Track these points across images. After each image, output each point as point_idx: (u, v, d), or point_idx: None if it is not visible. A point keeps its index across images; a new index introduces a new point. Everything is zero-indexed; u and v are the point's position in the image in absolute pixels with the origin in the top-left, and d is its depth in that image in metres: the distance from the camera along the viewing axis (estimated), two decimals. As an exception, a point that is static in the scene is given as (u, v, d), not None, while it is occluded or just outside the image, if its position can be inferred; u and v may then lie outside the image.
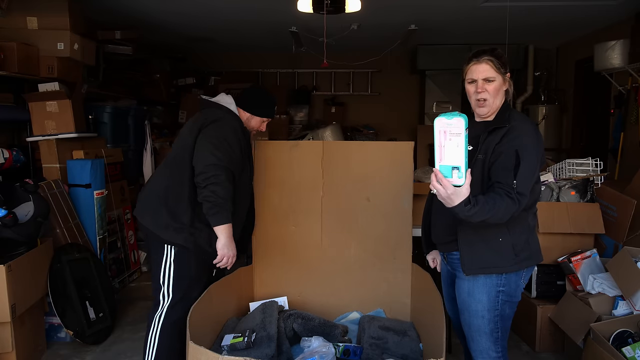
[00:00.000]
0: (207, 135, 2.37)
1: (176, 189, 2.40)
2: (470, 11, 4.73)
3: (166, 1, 4.36)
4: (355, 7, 3.88)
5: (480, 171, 1.92)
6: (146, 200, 2.50)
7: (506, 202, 1.78)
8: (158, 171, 2.59)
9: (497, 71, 1.94)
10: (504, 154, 1.86)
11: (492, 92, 1.94)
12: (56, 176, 3.74)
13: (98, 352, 3.24)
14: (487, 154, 1.92)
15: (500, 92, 1.97)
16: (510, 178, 1.82)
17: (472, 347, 2.08)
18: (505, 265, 1.97)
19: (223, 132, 2.39)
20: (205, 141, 2.36)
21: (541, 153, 1.97)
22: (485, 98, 1.95)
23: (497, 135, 1.92)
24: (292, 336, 2.58)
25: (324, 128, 6.36)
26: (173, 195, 2.40)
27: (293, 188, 2.95)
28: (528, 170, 1.84)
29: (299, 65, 7.31)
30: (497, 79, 1.94)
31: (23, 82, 3.86)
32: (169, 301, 2.41)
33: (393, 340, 2.54)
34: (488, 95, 1.95)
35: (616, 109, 5.12)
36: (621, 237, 3.05)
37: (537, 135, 1.96)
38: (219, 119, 2.43)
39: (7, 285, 2.72)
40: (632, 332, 2.62)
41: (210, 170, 2.29)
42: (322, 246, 2.94)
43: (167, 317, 2.41)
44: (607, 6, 4.55)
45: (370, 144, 4.05)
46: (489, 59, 1.93)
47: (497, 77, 1.94)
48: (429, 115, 7.08)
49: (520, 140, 1.87)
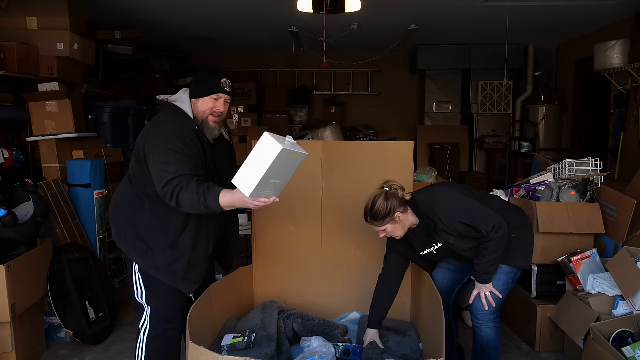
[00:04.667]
0: (149, 152, 2.15)
1: (136, 214, 2.26)
2: (470, 11, 4.73)
3: (166, 1, 4.36)
4: (355, 7, 3.88)
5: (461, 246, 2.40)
6: (113, 218, 2.38)
7: (492, 244, 2.31)
8: (121, 190, 2.38)
9: (382, 225, 2.32)
10: (452, 228, 2.34)
11: (392, 231, 2.36)
12: (56, 176, 3.74)
13: (98, 352, 3.24)
14: (446, 239, 2.39)
15: (399, 223, 2.35)
16: (474, 234, 2.33)
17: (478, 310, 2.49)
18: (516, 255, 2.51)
19: (159, 141, 2.13)
20: (150, 159, 2.14)
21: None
22: (395, 236, 2.40)
23: (437, 228, 2.38)
24: (292, 336, 2.58)
25: (324, 128, 6.36)
26: (134, 219, 2.27)
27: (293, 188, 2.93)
28: (471, 217, 2.32)
29: (299, 65, 7.31)
30: (387, 226, 2.33)
31: (23, 82, 3.86)
32: (147, 311, 2.33)
33: (393, 340, 2.54)
34: (393, 234, 2.38)
35: (616, 109, 5.13)
36: (621, 237, 3.05)
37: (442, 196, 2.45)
38: (152, 128, 2.23)
39: (7, 285, 2.72)
40: (632, 332, 2.62)
41: (168, 188, 2.05)
42: (322, 246, 2.94)
43: (149, 334, 2.33)
44: (607, 6, 4.55)
45: (370, 144, 4.05)
46: (371, 223, 2.34)
47: (386, 226, 2.33)
48: (429, 115, 7.09)
49: (445, 216, 2.35)
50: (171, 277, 2.27)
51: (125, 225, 2.30)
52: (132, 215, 2.28)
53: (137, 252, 2.27)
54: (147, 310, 2.33)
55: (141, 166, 2.21)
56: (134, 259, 2.29)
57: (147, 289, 2.31)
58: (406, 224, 2.37)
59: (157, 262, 2.25)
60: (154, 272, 2.27)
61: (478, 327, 2.55)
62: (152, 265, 2.26)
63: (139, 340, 2.36)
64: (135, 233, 2.27)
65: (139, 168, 2.23)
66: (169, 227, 2.24)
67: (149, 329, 2.33)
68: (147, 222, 2.26)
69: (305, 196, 2.93)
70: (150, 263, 2.26)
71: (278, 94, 7.12)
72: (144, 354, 2.33)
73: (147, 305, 2.33)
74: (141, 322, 2.36)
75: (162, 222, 2.24)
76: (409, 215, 2.37)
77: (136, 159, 2.24)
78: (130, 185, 2.31)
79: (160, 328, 2.32)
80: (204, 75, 2.31)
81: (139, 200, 2.26)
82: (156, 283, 2.29)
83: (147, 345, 2.32)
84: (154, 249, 2.25)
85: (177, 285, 2.29)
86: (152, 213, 2.25)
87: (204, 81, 2.27)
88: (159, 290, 2.30)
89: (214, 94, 2.25)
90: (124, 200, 2.32)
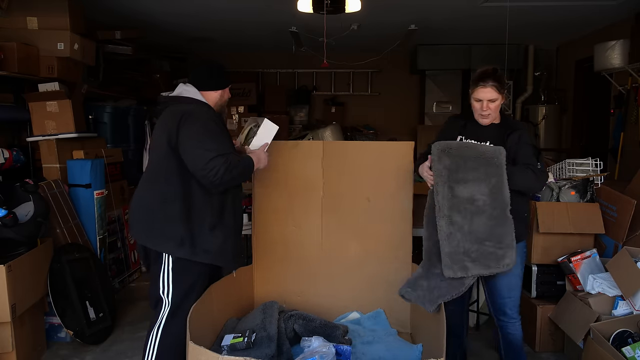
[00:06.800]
0: (189, 137, 2.26)
1: (169, 208, 2.31)
2: (470, 11, 4.73)
3: (166, 1, 4.36)
4: (355, 7, 3.88)
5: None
6: (137, 218, 2.41)
7: (533, 176, 2.34)
8: (142, 190, 2.43)
9: (499, 92, 2.37)
10: (524, 146, 2.40)
11: (494, 109, 2.41)
12: (56, 176, 3.74)
13: (98, 352, 3.24)
14: (511, 148, 2.39)
15: (499, 107, 2.43)
16: (534, 161, 2.39)
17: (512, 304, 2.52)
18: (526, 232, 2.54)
19: (201, 123, 2.29)
20: (190, 142, 2.25)
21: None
22: (489, 114, 2.42)
23: (514, 135, 2.41)
24: (293, 337, 2.58)
25: (324, 128, 6.36)
26: (163, 209, 2.31)
27: (293, 188, 2.95)
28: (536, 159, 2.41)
29: (299, 65, 7.30)
30: (498, 98, 2.39)
31: (23, 82, 3.86)
32: (168, 309, 2.37)
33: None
34: (491, 111, 2.41)
35: (616, 109, 5.13)
36: (621, 237, 3.05)
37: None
38: (189, 115, 2.30)
39: (7, 285, 2.72)
40: (632, 332, 2.62)
41: (214, 165, 2.20)
42: (322, 246, 2.94)
43: (165, 329, 2.36)
44: (607, 6, 4.55)
45: (370, 144, 4.05)
46: (493, 85, 2.35)
47: (499, 97, 2.39)
48: (429, 115, 7.08)
49: (527, 137, 2.44)
50: (221, 257, 2.40)
51: (166, 219, 2.32)
52: (176, 207, 2.31)
53: (181, 244, 2.30)
54: (168, 307, 2.37)
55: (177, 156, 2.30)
56: (174, 252, 2.31)
57: (175, 286, 2.35)
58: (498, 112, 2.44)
59: (206, 246, 2.33)
60: (201, 257, 2.33)
61: (511, 325, 2.54)
62: (201, 251, 2.32)
63: (151, 334, 2.38)
64: (179, 224, 2.30)
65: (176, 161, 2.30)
66: (217, 208, 2.37)
67: (164, 324, 2.36)
68: (198, 207, 2.34)
69: (305, 196, 2.93)
70: (200, 250, 2.32)
71: (278, 94, 7.12)
72: (156, 348, 2.35)
73: (169, 302, 2.37)
74: (159, 317, 2.38)
75: (212, 204, 2.36)
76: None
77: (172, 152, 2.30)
78: (165, 181, 2.33)
79: (178, 325, 2.33)
80: (216, 69, 2.51)
81: (183, 190, 2.31)
82: (185, 280, 2.36)
83: (161, 341, 2.35)
84: (203, 234, 2.33)
85: (228, 263, 2.50)
86: (202, 197, 2.34)
87: (220, 74, 2.50)
88: (185, 287, 2.37)
89: (229, 85, 2.54)
90: (160, 196, 2.33)
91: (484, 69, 2.40)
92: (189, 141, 2.26)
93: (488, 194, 2.30)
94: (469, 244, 2.31)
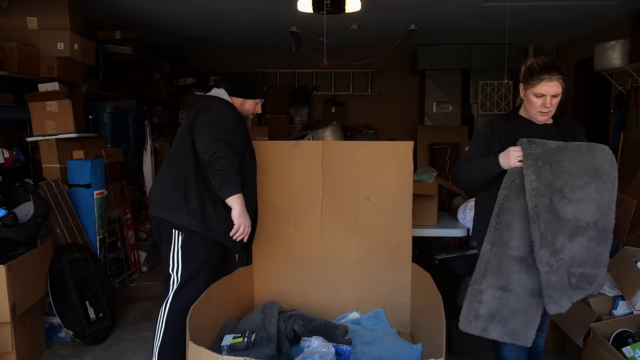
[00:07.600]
0: (203, 121, 2.49)
1: (183, 182, 2.49)
2: (470, 11, 4.73)
3: (166, 2, 4.36)
4: (355, 7, 3.88)
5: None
6: (156, 194, 2.59)
7: None
8: (162, 172, 2.66)
9: (563, 87, 2.17)
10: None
11: (556, 105, 2.22)
12: (56, 176, 3.74)
13: (98, 352, 3.24)
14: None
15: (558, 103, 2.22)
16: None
17: (548, 319, 2.41)
18: None
19: (217, 113, 2.53)
20: (202, 125, 2.48)
21: None
22: (550, 111, 2.23)
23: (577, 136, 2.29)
24: (293, 337, 2.58)
25: (324, 128, 6.35)
26: (181, 186, 2.49)
27: (293, 188, 2.95)
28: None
29: (299, 65, 7.30)
30: (560, 93, 2.19)
31: (23, 82, 3.86)
32: (176, 285, 2.50)
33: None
34: (553, 108, 2.23)
35: (616, 109, 5.12)
36: (621, 237, 3.05)
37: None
38: (210, 106, 2.57)
39: (7, 285, 2.72)
40: (632, 332, 2.62)
41: (212, 146, 2.38)
42: (322, 246, 2.94)
43: (172, 305, 2.49)
44: (607, 6, 4.55)
45: (370, 144, 4.05)
46: (559, 78, 2.14)
47: (561, 92, 2.18)
48: (429, 115, 7.08)
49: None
50: (229, 238, 2.49)
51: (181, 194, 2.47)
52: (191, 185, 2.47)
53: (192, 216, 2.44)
54: (177, 283, 2.51)
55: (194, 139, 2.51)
56: (185, 222, 2.45)
57: (184, 264, 2.50)
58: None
59: (215, 222, 2.47)
60: (211, 233, 2.47)
61: (539, 339, 2.41)
62: (211, 227, 2.46)
63: (159, 314, 2.52)
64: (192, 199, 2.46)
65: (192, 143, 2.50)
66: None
67: (171, 300, 2.50)
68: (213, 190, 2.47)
69: (305, 196, 2.93)
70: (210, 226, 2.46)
71: (278, 94, 7.11)
72: (164, 325, 2.48)
73: (178, 279, 2.51)
74: (168, 293, 2.52)
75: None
76: None
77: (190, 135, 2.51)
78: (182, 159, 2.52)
79: (183, 303, 2.42)
80: (250, 81, 2.84)
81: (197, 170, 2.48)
82: (195, 259, 2.50)
83: (167, 319, 2.48)
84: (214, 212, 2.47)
85: (235, 246, 2.57)
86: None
87: (251, 86, 2.76)
88: (194, 266, 2.51)
89: (259, 98, 2.75)
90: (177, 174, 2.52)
91: (545, 61, 2.16)
92: (202, 125, 2.48)
93: (594, 212, 2.05)
94: (571, 270, 2.05)
